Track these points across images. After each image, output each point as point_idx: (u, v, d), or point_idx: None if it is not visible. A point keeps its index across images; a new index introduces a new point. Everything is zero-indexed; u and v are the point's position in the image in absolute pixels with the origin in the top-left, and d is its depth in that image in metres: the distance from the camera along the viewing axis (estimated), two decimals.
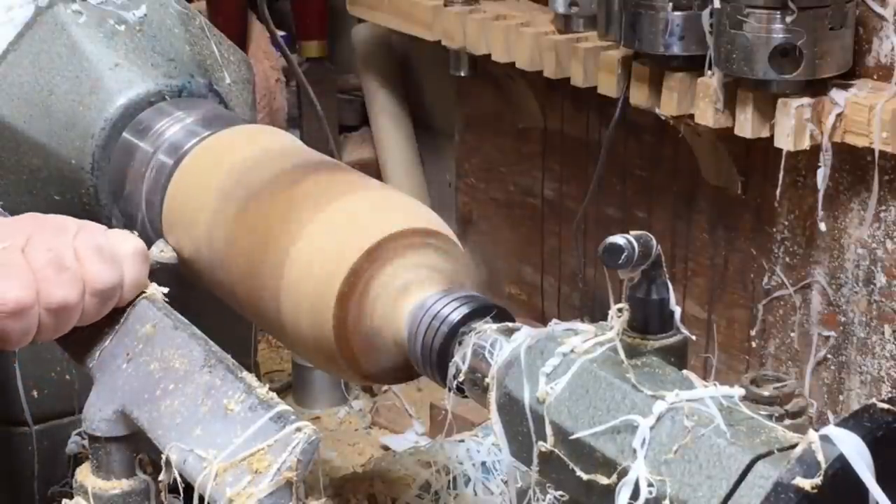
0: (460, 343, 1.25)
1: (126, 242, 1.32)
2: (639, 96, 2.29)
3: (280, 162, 1.51)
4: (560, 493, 1.18)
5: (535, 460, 1.15)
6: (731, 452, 1.01)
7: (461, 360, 1.23)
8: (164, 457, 1.20)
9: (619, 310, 1.16)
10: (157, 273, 1.43)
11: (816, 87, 2.08)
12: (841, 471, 0.96)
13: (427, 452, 1.68)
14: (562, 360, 1.15)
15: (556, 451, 1.12)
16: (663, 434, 1.05)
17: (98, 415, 1.29)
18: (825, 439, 0.97)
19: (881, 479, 0.96)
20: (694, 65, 2.19)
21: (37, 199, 1.68)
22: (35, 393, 1.77)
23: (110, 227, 1.63)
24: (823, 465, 0.95)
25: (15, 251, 1.23)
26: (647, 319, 1.16)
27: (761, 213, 2.36)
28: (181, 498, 1.22)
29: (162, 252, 1.58)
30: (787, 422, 1.05)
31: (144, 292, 1.33)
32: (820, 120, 2.08)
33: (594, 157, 2.59)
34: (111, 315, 1.31)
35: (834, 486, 0.95)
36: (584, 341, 1.16)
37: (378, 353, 1.33)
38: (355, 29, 3.30)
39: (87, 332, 1.31)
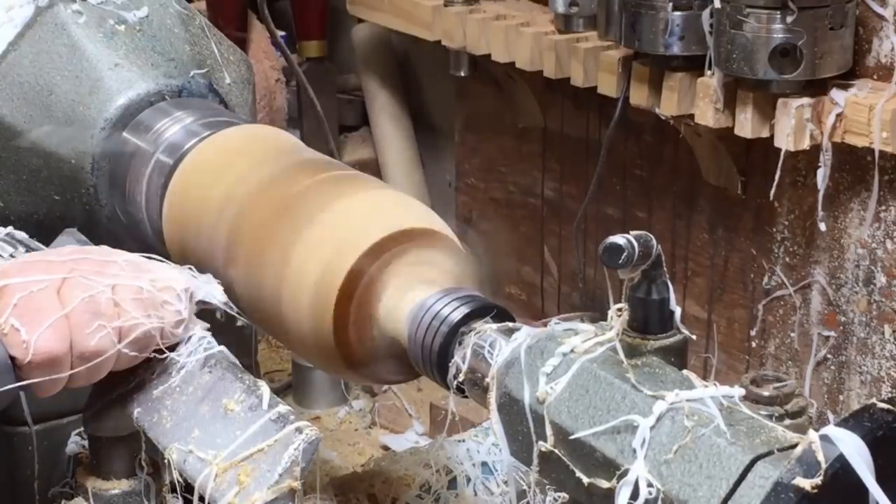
0: (460, 343, 1.25)
1: (171, 282, 1.24)
2: (639, 96, 2.29)
3: (280, 162, 1.51)
4: (560, 493, 1.18)
5: (535, 460, 1.15)
6: (731, 452, 1.01)
7: (461, 360, 1.23)
8: (165, 458, 1.20)
9: (619, 310, 1.16)
10: (201, 316, 1.32)
11: (816, 87, 2.08)
12: (841, 471, 0.96)
13: (427, 452, 1.68)
14: (562, 360, 1.15)
15: (556, 451, 1.12)
16: (663, 434, 1.05)
17: (98, 415, 1.29)
18: (825, 439, 0.97)
19: (881, 479, 0.96)
20: (694, 65, 2.19)
21: (37, 199, 1.68)
22: None
23: (107, 226, 1.64)
24: (823, 465, 0.95)
25: (50, 293, 1.16)
26: (647, 319, 1.16)
27: (761, 213, 2.36)
28: (181, 498, 1.22)
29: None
30: (787, 422, 1.05)
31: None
32: (820, 120, 2.08)
33: (594, 157, 2.58)
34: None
35: (834, 486, 0.95)
36: (584, 341, 1.16)
37: (378, 353, 1.33)
38: (355, 29, 3.30)
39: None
